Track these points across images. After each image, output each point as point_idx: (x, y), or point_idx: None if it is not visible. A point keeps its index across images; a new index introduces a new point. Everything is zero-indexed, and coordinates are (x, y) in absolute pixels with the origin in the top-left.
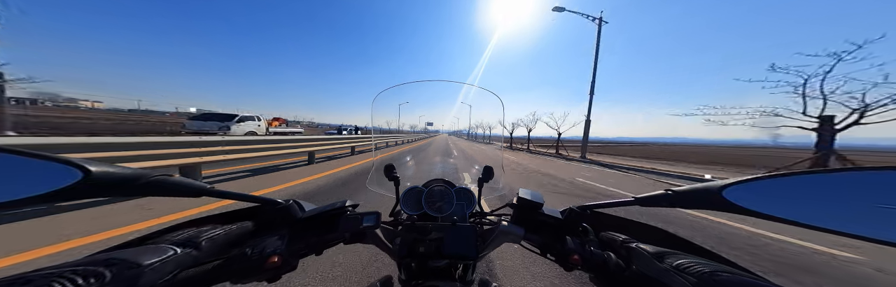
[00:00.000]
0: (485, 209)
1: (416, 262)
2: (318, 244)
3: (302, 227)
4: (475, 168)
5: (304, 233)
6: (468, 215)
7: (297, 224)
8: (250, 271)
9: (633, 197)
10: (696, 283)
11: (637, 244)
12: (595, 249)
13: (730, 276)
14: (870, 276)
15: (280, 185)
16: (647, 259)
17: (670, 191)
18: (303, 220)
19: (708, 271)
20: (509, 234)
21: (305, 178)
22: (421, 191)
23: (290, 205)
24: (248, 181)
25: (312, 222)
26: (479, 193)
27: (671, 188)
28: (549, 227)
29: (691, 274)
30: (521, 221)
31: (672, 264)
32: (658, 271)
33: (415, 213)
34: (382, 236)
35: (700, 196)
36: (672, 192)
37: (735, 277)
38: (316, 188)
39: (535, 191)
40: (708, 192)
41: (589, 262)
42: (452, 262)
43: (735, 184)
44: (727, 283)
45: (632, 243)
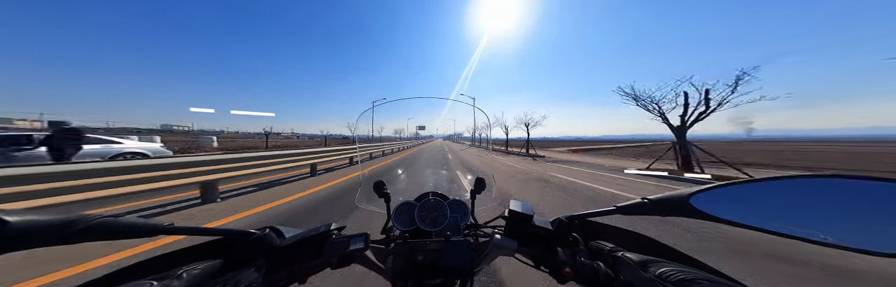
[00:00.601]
0: (480, 220)
1: (411, 281)
2: (302, 272)
3: (283, 256)
4: (469, 177)
5: (286, 261)
6: (462, 228)
7: (276, 253)
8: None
9: (615, 206)
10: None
11: (623, 253)
12: (585, 260)
13: (709, 283)
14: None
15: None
16: (632, 268)
17: (646, 199)
18: (283, 248)
19: (689, 279)
20: (503, 248)
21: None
22: (413, 205)
23: (266, 234)
24: (259, 195)
25: (295, 249)
26: (472, 205)
27: (647, 197)
28: (540, 239)
29: (673, 282)
30: (514, 233)
31: (656, 273)
32: (643, 281)
33: (408, 229)
34: (373, 257)
35: (671, 204)
36: (648, 201)
37: (714, 284)
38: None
39: (526, 202)
40: (677, 200)
41: (580, 273)
42: (450, 278)
43: (700, 192)
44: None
45: (618, 252)
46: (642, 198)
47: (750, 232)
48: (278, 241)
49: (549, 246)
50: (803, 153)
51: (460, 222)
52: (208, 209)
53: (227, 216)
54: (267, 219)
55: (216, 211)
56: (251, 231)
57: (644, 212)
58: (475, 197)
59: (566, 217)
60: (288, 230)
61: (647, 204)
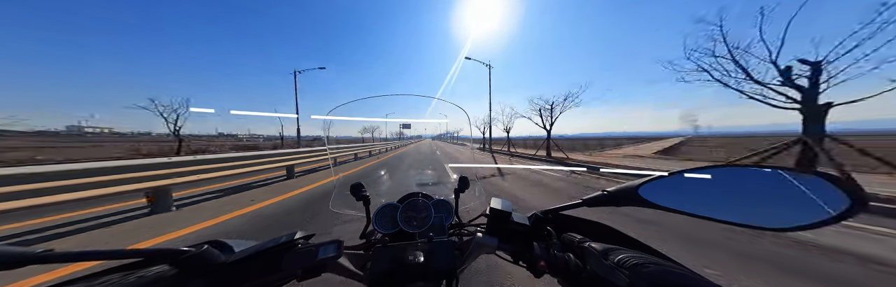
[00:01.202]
0: (465, 219)
1: (394, 285)
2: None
3: (230, 273)
4: (454, 177)
5: (235, 279)
6: (447, 228)
7: (220, 270)
8: None
9: (581, 199)
10: (629, 276)
11: (589, 243)
12: (557, 253)
13: (655, 266)
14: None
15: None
16: (596, 257)
17: (606, 192)
18: (230, 264)
19: (639, 263)
20: (484, 246)
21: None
22: (396, 207)
23: (203, 251)
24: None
25: (247, 264)
26: (456, 204)
27: (606, 189)
28: (519, 235)
29: (627, 267)
30: (495, 231)
31: (614, 260)
32: (605, 268)
33: (389, 232)
34: (350, 264)
35: (624, 195)
36: (607, 193)
37: (658, 267)
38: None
39: (505, 200)
40: (628, 191)
41: (553, 265)
42: (435, 279)
43: (645, 183)
44: (652, 272)
45: (585, 243)
46: (603, 190)
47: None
48: (223, 257)
49: (527, 241)
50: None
51: (445, 222)
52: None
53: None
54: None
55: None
56: (182, 249)
57: (604, 203)
58: (459, 196)
59: (541, 212)
60: (238, 243)
61: (606, 195)
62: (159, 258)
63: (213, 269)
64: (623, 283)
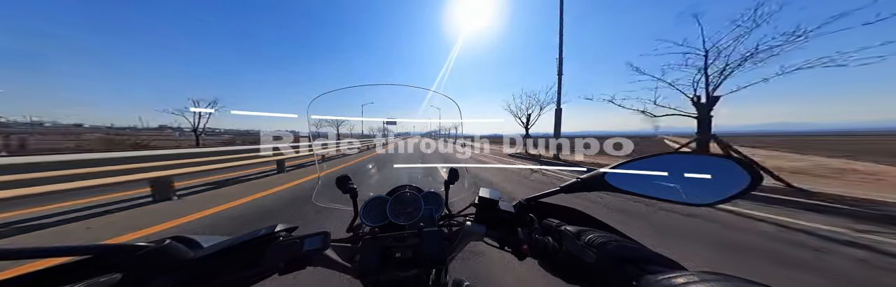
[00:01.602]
0: (456, 210)
1: (384, 276)
2: (234, 284)
3: (200, 269)
4: (444, 170)
5: (206, 275)
6: (437, 219)
7: (189, 267)
8: None
9: (559, 187)
10: (596, 253)
11: (565, 227)
12: (538, 237)
13: (616, 243)
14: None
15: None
16: (570, 238)
17: (579, 179)
18: (199, 259)
19: (604, 242)
20: (473, 234)
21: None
22: (385, 200)
23: (165, 246)
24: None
25: (223, 259)
26: (446, 195)
27: (580, 177)
28: (505, 222)
29: (595, 246)
30: (483, 219)
31: (585, 240)
32: (577, 248)
33: (378, 225)
34: (336, 256)
35: (594, 181)
36: (580, 180)
37: (618, 244)
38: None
39: (493, 190)
40: (597, 177)
41: (534, 248)
42: (423, 269)
43: (609, 170)
44: (614, 248)
45: (562, 227)
46: (577, 178)
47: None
48: (191, 252)
49: (512, 228)
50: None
51: (435, 214)
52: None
53: None
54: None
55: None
56: (141, 244)
57: (578, 189)
58: (449, 187)
59: (524, 200)
60: (208, 239)
61: (579, 183)
62: (113, 255)
63: (179, 265)
64: (591, 259)
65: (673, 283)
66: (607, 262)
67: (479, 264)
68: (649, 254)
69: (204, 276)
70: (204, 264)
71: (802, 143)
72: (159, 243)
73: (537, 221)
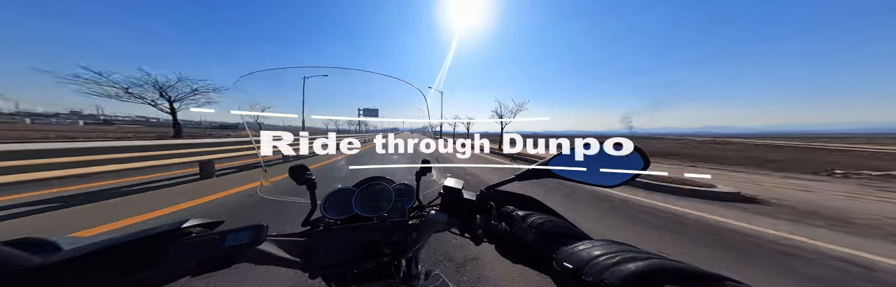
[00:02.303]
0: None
1: (338, 270)
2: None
3: (50, 278)
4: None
5: (63, 284)
6: (408, 210)
7: (28, 277)
8: None
9: (515, 175)
10: (535, 233)
11: (516, 212)
12: (494, 222)
13: (551, 223)
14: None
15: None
16: (518, 222)
17: (531, 168)
18: (50, 267)
19: (541, 223)
20: (436, 223)
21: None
22: (351, 192)
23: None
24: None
25: (90, 263)
26: (417, 187)
27: (532, 166)
28: (468, 210)
29: (534, 227)
30: (448, 208)
31: (528, 222)
32: (522, 230)
33: (341, 217)
34: (282, 252)
35: (541, 170)
36: (532, 169)
37: (553, 223)
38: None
39: (458, 179)
40: (544, 166)
41: (489, 233)
42: (387, 260)
43: (551, 159)
44: (548, 228)
45: (514, 212)
46: (530, 168)
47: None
48: (36, 258)
49: (472, 215)
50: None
51: (406, 205)
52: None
53: None
54: None
55: None
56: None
57: (530, 177)
58: (420, 179)
59: (485, 188)
60: (75, 241)
61: (531, 171)
62: None
63: (11, 275)
64: (530, 238)
65: (575, 250)
66: (541, 240)
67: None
68: (570, 229)
69: (53, 286)
70: (56, 272)
71: (710, 148)
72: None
73: (495, 208)
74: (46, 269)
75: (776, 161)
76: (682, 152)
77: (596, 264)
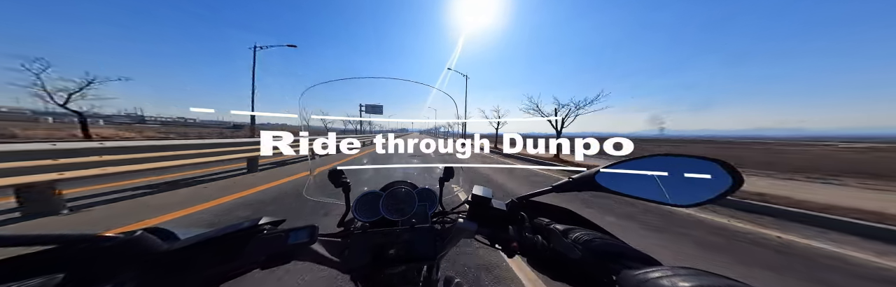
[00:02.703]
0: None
1: (372, 271)
2: (212, 278)
3: (172, 262)
4: (440, 167)
5: (180, 268)
6: (430, 215)
7: (161, 260)
8: None
9: (551, 186)
10: (582, 250)
11: (554, 225)
12: (528, 234)
13: (600, 241)
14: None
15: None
16: (558, 237)
17: (571, 179)
18: (174, 252)
19: (589, 239)
20: (464, 231)
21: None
22: (379, 195)
23: (134, 238)
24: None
25: (200, 252)
26: (440, 193)
27: (572, 176)
28: (497, 220)
29: (581, 244)
30: (475, 217)
31: (572, 238)
32: (564, 245)
33: (370, 220)
34: (325, 251)
35: (584, 181)
36: (571, 180)
37: (603, 241)
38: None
39: (486, 188)
40: (588, 177)
41: (523, 246)
42: (413, 265)
43: (600, 170)
44: (598, 246)
45: (551, 225)
46: (569, 177)
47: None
48: (164, 244)
49: (503, 225)
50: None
51: (429, 210)
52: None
53: None
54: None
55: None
56: (108, 235)
57: (569, 189)
58: (443, 185)
59: (517, 198)
60: (187, 231)
61: (571, 182)
62: (78, 246)
63: (150, 257)
64: (576, 256)
65: (648, 277)
66: (590, 258)
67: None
68: (629, 250)
69: (176, 270)
70: (178, 257)
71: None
72: (129, 235)
73: (528, 220)
74: (172, 253)
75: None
76: (756, 159)
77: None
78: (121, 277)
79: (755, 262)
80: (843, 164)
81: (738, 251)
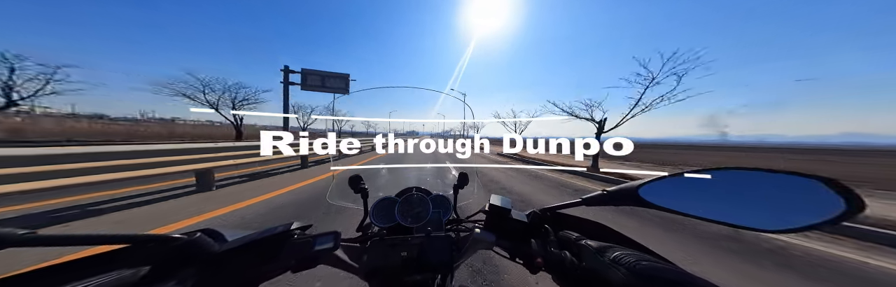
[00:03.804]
0: (463, 215)
1: (389, 278)
2: (251, 278)
3: (223, 262)
4: (453, 173)
5: (229, 268)
6: (445, 223)
7: (214, 259)
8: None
9: (581, 198)
10: (626, 273)
11: (585, 241)
12: (554, 250)
13: (649, 263)
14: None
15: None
16: (592, 254)
17: (605, 191)
18: (223, 253)
19: (635, 261)
20: (482, 242)
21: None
22: (394, 201)
23: (196, 239)
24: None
25: (243, 253)
26: (454, 200)
27: (606, 189)
28: (517, 231)
29: (623, 265)
30: (493, 227)
31: (610, 257)
32: (601, 265)
33: (387, 226)
34: (345, 256)
35: (624, 195)
36: (607, 192)
37: (653, 264)
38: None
39: (505, 197)
40: (628, 191)
41: (549, 262)
42: (429, 274)
43: (646, 183)
44: (647, 269)
45: (582, 241)
46: (603, 190)
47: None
48: (216, 245)
49: (524, 238)
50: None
51: (443, 217)
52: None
53: None
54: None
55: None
56: (174, 236)
57: (603, 202)
58: (458, 192)
59: (540, 210)
60: (233, 233)
61: (605, 195)
62: (148, 245)
63: (205, 257)
64: (619, 279)
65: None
66: (635, 282)
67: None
68: (689, 278)
69: (225, 270)
70: (226, 258)
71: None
72: (191, 236)
73: (553, 233)
74: (222, 254)
75: None
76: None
77: None
78: (183, 274)
79: None
80: None
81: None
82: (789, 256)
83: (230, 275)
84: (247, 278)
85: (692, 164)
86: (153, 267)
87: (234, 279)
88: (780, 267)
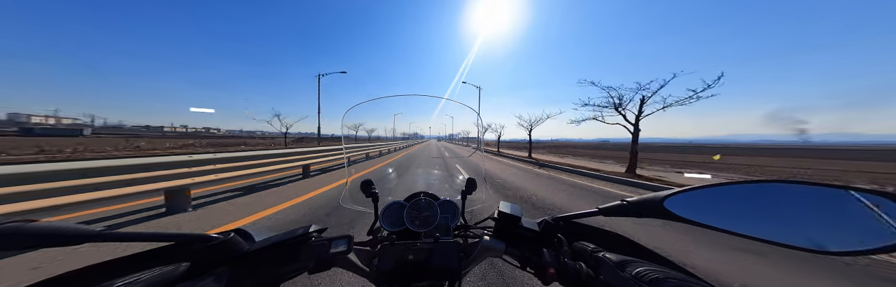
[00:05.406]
0: (471, 221)
1: (397, 283)
2: (274, 278)
3: (252, 261)
4: (460, 178)
5: (255, 267)
6: (452, 229)
7: (244, 259)
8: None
9: (597, 208)
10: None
11: (603, 253)
12: (568, 261)
13: (677, 281)
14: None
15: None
16: (611, 268)
17: (625, 201)
18: (252, 253)
19: (661, 278)
20: (491, 249)
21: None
22: (403, 206)
23: (230, 239)
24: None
25: (268, 254)
26: (462, 205)
27: (626, 199)
28: (527, 240)
29: (647, 282)
30: (502, 235)
31: (632, 272)
32: (621, 281)
33: (396, 230)
34: (357, 259)
35: (647, 206)
36: (627, 203)
37: (681, 283)
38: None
39: (514, 204)
40: (653, 202)
41: (563, 273)
42: (437, 282)
43: (673, 195)
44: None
45: (599, 253)
46: (622, 200)
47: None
48: (246, 245)
49: (536, 247)
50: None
51: (450, 223)
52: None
53: None
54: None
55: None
56: (212, 235)
57: (623, 213)
58: (466, 198)
59: (552, 218)
60: (260, 234)
61: (625, 206)
62: (195, 242)
63: (237, 256)
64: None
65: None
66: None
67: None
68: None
69: (253, 269)
70: (254, 258)
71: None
72: (226, 236)
73: (567, 243)
74: (251, 253)
75: None
76: None
77: None
78: (219, 271)
79: None
80: None
81: None
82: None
83: (258, 273)
84: (270, 278)
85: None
86: (191, 264)
87: (261, 278)
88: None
